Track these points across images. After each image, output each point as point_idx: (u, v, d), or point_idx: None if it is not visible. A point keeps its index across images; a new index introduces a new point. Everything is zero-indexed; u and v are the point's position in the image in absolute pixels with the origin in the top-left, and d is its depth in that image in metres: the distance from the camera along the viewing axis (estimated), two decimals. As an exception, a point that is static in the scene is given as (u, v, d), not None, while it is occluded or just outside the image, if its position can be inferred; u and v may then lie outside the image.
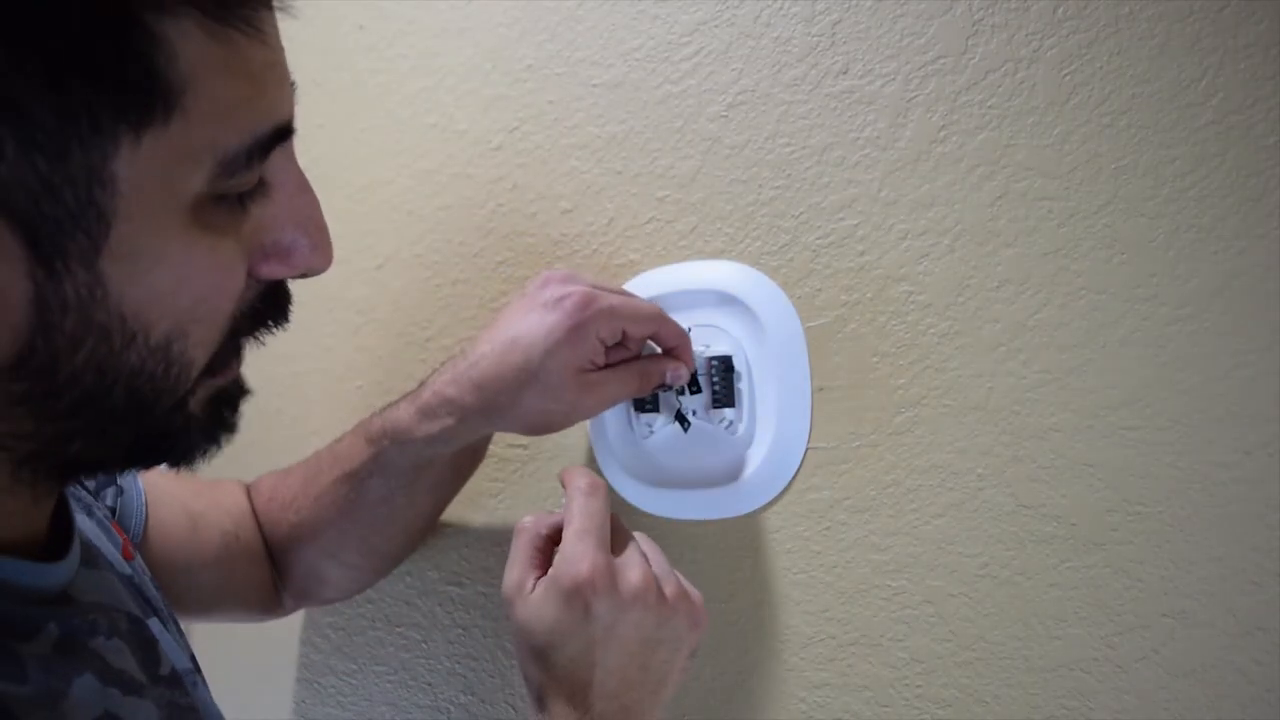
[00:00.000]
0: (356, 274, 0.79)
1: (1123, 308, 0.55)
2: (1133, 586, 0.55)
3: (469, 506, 0.75)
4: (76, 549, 0.43)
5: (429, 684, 0.77)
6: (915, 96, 0.59)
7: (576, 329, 0.54)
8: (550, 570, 0.50)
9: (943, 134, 0.58)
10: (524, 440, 0.72)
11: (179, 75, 0.32)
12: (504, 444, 0.73)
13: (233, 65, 0.34)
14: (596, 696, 0.49)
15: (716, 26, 0.64)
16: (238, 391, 0.42)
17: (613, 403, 0.58)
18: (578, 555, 0.49)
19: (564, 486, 0.54)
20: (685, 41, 0.65)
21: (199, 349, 0.37)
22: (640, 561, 0.51)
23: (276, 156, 0.37)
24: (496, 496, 0.73)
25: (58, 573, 0.41)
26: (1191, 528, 0.54)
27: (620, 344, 0.58)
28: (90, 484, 0.54)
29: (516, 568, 0.52)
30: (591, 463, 0.69)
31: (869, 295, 0.60)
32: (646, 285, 0.65)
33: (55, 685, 0.36)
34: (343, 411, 0.81)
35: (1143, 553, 0.55)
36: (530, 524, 0.54)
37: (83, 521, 0.47)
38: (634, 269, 0.67)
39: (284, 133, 0.37)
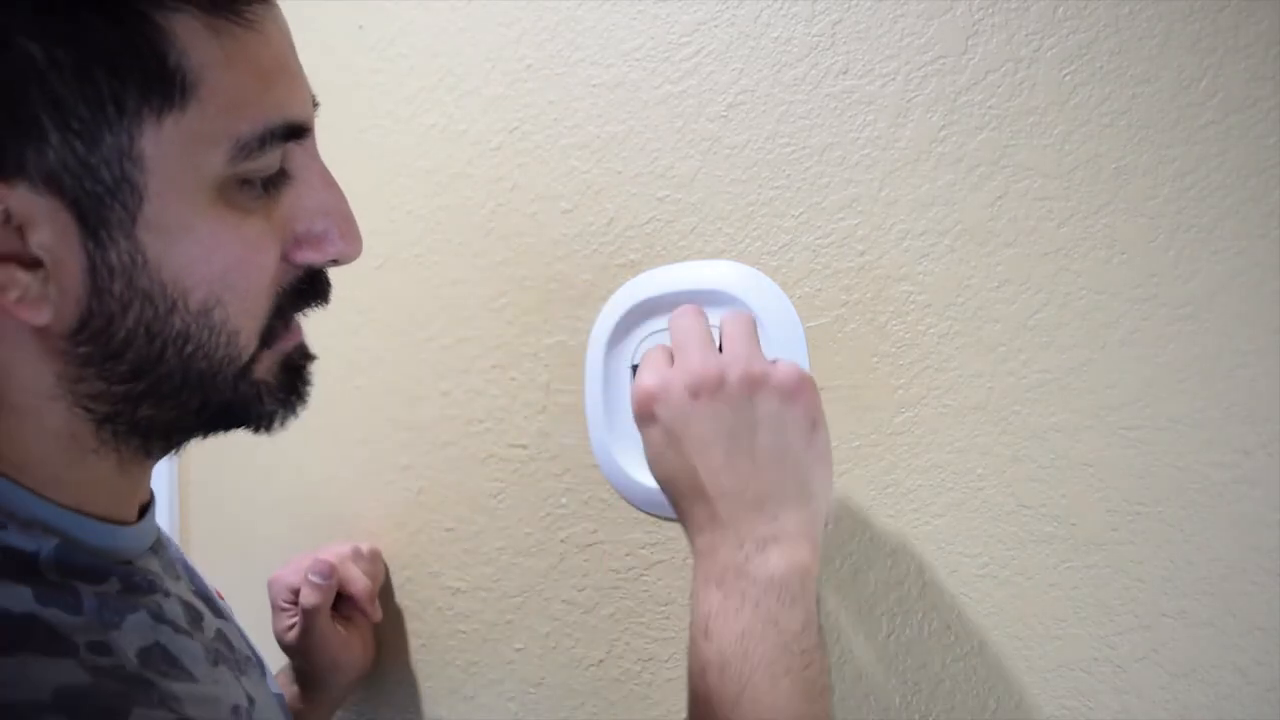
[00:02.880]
0: (356, 274, 0.79)
1: (1123, 308, 0.55)
2: (1133, 586, 0.55)
3: (469, 507, 0.75)
4: (149, 529, 0.48)
5: (429, 685, 0.77)
6: (915, 96, 0.59)
7: (272, 607, 0.70)
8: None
9: (943, 134, 0.58)
10: (524, 440, 0.72)
11: (193, 68, 0.37)
12: (504, 444, 0.73)
13: (237, 60, 0.39)
14: (716, 497, 0.48)
15: (716, 26, 0.64)
16: (303, 358, 0.48)
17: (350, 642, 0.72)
18: (640, 378, 0.52)
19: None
20: (685, 41, 0.65)
21: (241, 318, 0.42)
22: (694, 360, 0.50)
23: (299, 154, 0.43)
24: (496, 496, 0.73)
25: (124, 536, 0.45)
26: (1191, 528, 0.54)
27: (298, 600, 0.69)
28: None
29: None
30: (591, 462, 0.69)
31: (869, 295, 0.60)
32: (646, 285, 0.65)
33: (108, 618, 0.40)
34: (342, 411, 0.81)
35: (1143, 553, 0.55)
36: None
37: (186, 561, 0.55)
38: (634, 269, 0.67)
39: (298, 130, 0.42)
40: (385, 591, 0.79)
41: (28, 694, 0.34)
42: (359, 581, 0.72)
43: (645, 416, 0.51)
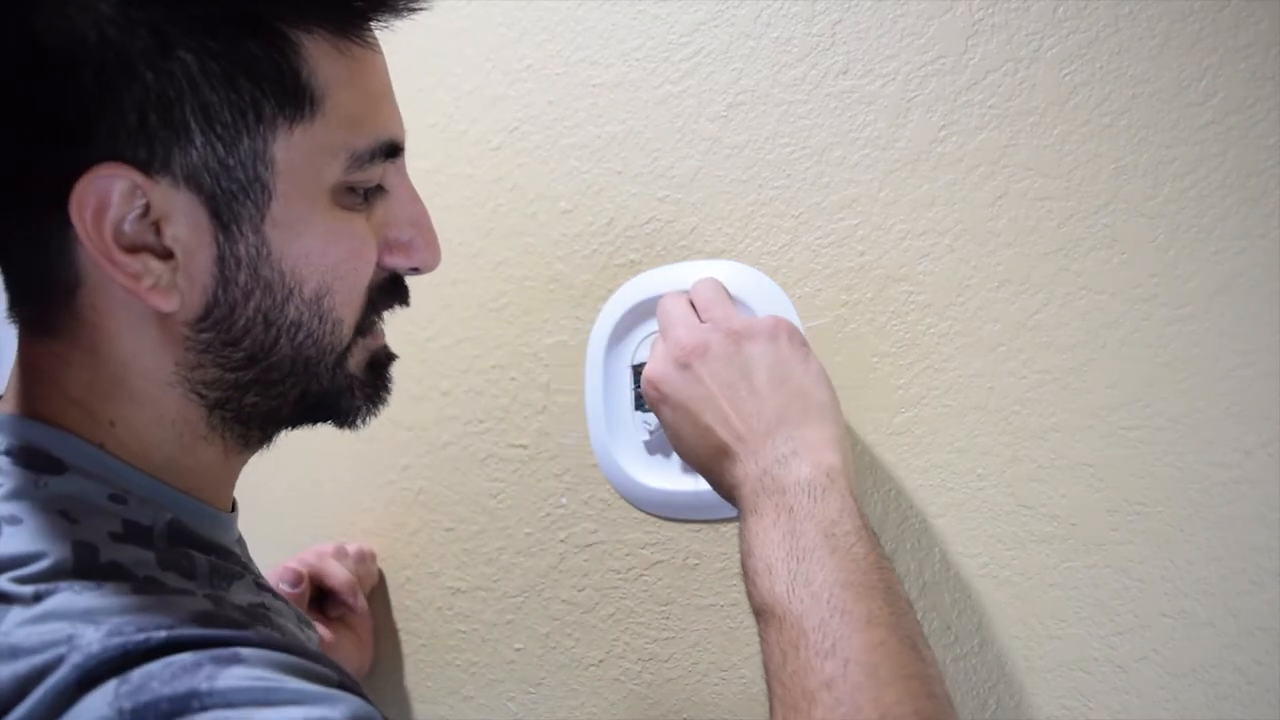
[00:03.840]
0: (356, 274, 0.79)
1: (1123, 308, 0.55)
2: (1133, 586, 0.55)
3: (470, 507, 0.75)
4: (236, 523, 0.53)
5: (429, 685, 0.77)
6: (915, 96, 0.59)
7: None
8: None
9: (943, 134, 0.58)
10: (524, 440, 0.72)
11: (320, 85, 0.42)
12: (504, 444, 0.73)
13: (356, 80, 0.44)
14: (734, 441, 0.50)
15: (716, 26, 0.64)
16: (386, 358, 0.52)
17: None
18: (644, 370, 0.56)
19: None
20: (685, 41, 0.65)
21: (345, 308, 0.46)
22: (680, 334, 0.54)
23: (393, 171, 0.48)
24: (496, 497, 0.73)
25: (223, 523, 0.50)
26: (1191, 528, 0.54)
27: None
28: None
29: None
30: (591, 462, 0.69)
31: (869, 295, 0.60)
32: (646, 285, 0.65)
33: (218, 583, 0.45)
34: (343, 411, 0.81)
35: (1143, 553, 0.55)
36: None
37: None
38: (634, 269, 0.67)
39: (396, 149, 0.47)
40: (385, 592, 0.79)
41: (168, 617, 0.38)
42: (338, 575, 0.72)
43: (654, 402, 0.55)
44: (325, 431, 0.83)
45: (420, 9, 0.47)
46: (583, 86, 0.69)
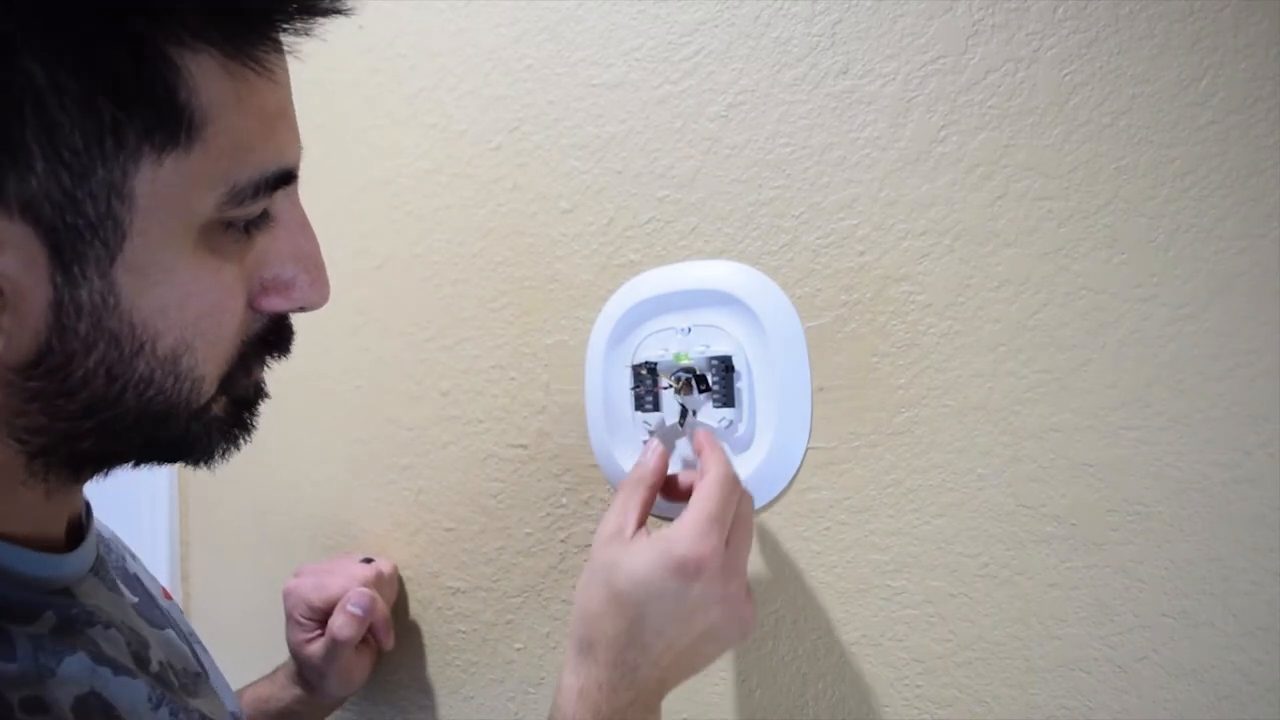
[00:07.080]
0: (356, 274, 0.79)
1: (1123, 308, 0.55)
2: (1133, 586, 0.55)
3: (470, 507, 0.75)
4: (88, 554, 0.45)
5: (429, 686, 0.77)
6: (915, 96, 0.59)
7: (288, 617, 0.72)
8: (666, 531, 0.52)
9: (943, 134, 0.58)
10: (524, 440, 0.72)
11: (201, 109, 0.36)
12: (504, 444, 0.73)
13: (246, 104, 0.37)
14: (647, 662, 0.51)
15: (716, 26, 0.64)
16: (256, 394, 0.46)
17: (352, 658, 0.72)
18: (702, 534, 0.51)
19: (698, 453, 0.57)
20: (685, 41, 0.65)
21: (208, 365, 0.40)
22: (744, 565, 0.54)
23: (281, 197, 0.41)
24: (496, 497, 0.73)
25: (61, 565, 0.43)
26: (1191, 528, 0.54)
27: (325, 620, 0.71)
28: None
29: (623, 512, 0.55)
30: (591, 462, 0.69)
31: (869, 295, 0.60)
32: (646, 285, 0.65)
33: (44, 663, 0.38)
34: (342, 411, 0.81)
35: (1143, 553, 0.55)
36: (641, 478, 0.56)
37: (130, 563, 0.52)
38: (634, 269, 0.67)
39: (289, 176, 0.40)
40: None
41: None
42: (380, 612, 0.72)
43: (683, 572, 0.51)
44: (325, 432, 0.83)
45: (341, 10, 0.40)
46: (583, 86, 0.69)
